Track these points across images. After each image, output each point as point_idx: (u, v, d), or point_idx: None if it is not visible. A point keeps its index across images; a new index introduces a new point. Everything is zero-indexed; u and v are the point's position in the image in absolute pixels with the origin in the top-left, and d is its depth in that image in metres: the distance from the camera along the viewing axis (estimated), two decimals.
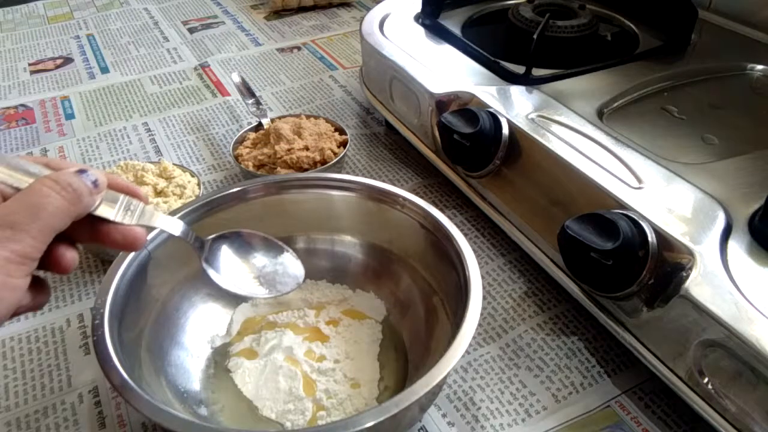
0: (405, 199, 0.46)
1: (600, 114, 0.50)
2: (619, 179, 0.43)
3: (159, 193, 0.56)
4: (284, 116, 0.66)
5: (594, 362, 0.45)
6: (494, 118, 0.50)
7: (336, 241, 0.50)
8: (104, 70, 0.88)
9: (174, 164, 0.60)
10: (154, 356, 0.41)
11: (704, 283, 0.35)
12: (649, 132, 0.49)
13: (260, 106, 0.69)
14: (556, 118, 0.49)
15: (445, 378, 0.34)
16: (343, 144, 0.63)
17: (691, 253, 0.37)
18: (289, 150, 0.59)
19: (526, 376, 0.44)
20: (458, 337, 0.35)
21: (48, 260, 0.30)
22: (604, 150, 0.45)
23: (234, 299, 0.48)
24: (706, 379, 0.35)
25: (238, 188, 0.48)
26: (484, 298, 0.51)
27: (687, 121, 0.50)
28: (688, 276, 0.36)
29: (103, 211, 0.31)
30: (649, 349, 0.39)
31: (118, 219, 0.32)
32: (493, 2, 0.71)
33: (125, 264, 0.41)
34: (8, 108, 0.79)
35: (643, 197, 0.41)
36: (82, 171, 0.31)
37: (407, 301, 0.47)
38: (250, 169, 0.60)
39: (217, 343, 0.45)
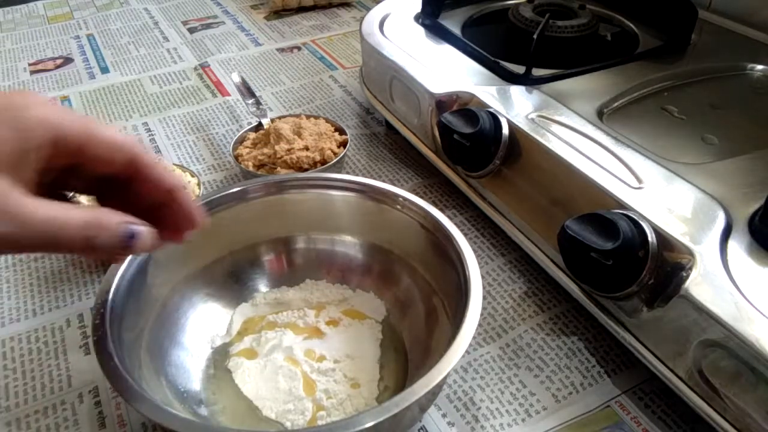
0: (405, 199, 0.46)
1: (600, 114, 0.50)
2: (619, 179, 0.43)
3: None
4: (284, 116, 0.66)
5: (594, 362, 0.45)
6: (494, 118, 0.50)
7: (336, 241, 0.50)
8: (104, 70, 0.88)
9: (174, 164, 0.60)
10: (154, 356, 0.41)
11: (704, 283, 0.35)
12: (649, 132, 0.49)
13: (260, 106, 0.69)
14: (556, 118, 0.49)
15: (445, 378, 0.34)
16: (343, 144, 0.63)
17: (691, 253, 0.37)
18: (289, 150, 0.59)
19: (526, 376, 0.44)
20: (458, 338, 0.35)
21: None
22: (604, 150, 0.45)
23: (234, 299, 0.48)
24: (706, 379, 0.35)
25: (238, 188, 0.48)
26: (484, 298, 0.50)
27: (687, 121, 0.50)
28: (688, 276, 0.36)
29: None
30: (649, 349, 0.39)
31: None
32: (493, 2, 0.71)
33: (125, 264, 0.41)
34: None
35: (643, 197, 0.41)
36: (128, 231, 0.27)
37: (407, 301, 0.47)
38: (250, 169, 0.60)
39: (217, 343, 0.45)
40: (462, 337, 0.35)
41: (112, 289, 0.39)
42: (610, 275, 0.39)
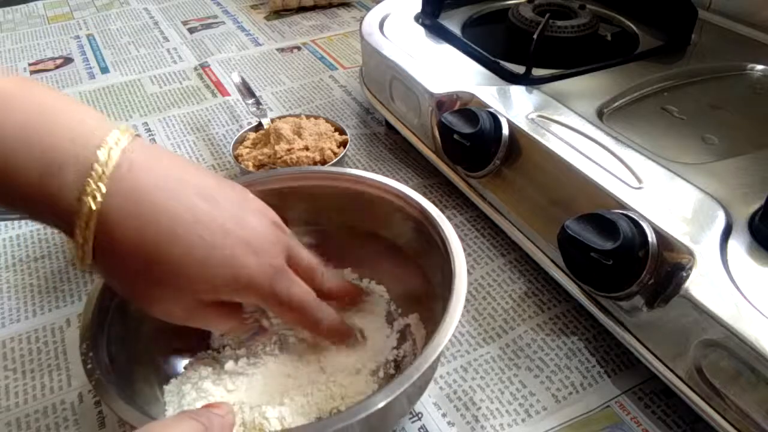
0: (388, 185, 0.45)
1: (600, 114, 0.50)
2: (619, 179, 0.43)
3: None
4: (284, 116, 0.66)
5: (594, 362, 0.45)
6: (494, 118, 0.50)
7: (327, 233, 0.48)
8: (104, 70, 0.88)
9: None
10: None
11: (704, 283, 0.35)
12: (649, 132, 0.49)
13: (260, 106, 0.69)
14: (556, 118, 0.49)
15: (435, 361, 0.34)
16: (343, 144, 0.63)
17: (691, 253, 0.37)
18: (289, 150, 0.59)
19: (526, 376, 0.44)
20: (442, 326, 0.35)
21: None
22: (604, 150, 0.45)
23: None
24: (706, 379, 0.35)
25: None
26: (485, 298, 0.51)
27: (687, 121, 0.50)
28: (688, 276, 0.36)
29: None
30: (649, 349, 0.39)
31: None
32: (493, 2, 0.71)
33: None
34: None
35: (643, 197, 0.41)
36: None
37: (405, 287, 0.47)
38: (250, 169, 0.60)
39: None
40: (446, 324, 0.35)
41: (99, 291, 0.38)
42: (610, 275, 0.39)
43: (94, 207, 0.29)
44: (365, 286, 0.48)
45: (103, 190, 0.29)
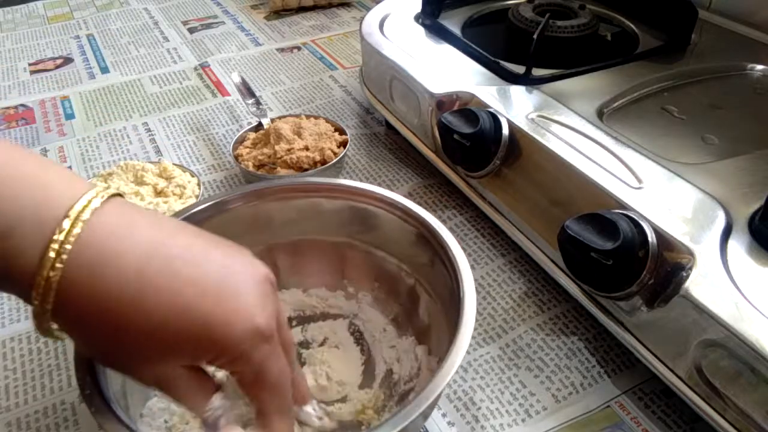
0: (392, 200, 0.45)
1: (600, 114, 0.50)
2: (619, 179, 0.43)
3: (159, 193, 0.56)
4: (284, 116, 0.66)
5: (594, 362, 0.45)
6: (494, 118, 0.50)
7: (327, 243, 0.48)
8: (104, 70, 0.88)
9: (174, 164, 0.60)
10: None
11: (704, 283, 0.35)
12: (649, 132, 0.49)
13: (260, 106, 0.69)
14: (556, 118, 0.49)
15: (443, 388, 0.33)
16: (343, 144, 0.63)
17: (691, 253, 0.37)
18: (289, 150, 0.59)
19: (526, 376, 0.44)
20: (455, 345, 0.34)
21: None
22: (604, 150, 0.45)
23: None
24: (706, 379, 0.35)
25: (217, 200, 0.45)
26: (485, 298, 0.51)
27: (687, 121, 0.50)
28: (688, 276, 0.36)
29: None
30: (649, 349, 0.39)
31: None
32: (493, 2, 0.71)
33: None
34: (8, 108, 0.79)
35: (643, 197, 0.41)
36: None
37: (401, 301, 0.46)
38: (250, 169, 0.60)
39: None
40: (460, 342, 0.34)
41: None
42: (610, 275, 0.39)
43: (51, 275, 0.26)
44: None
45: (64, 257, 0.27)
